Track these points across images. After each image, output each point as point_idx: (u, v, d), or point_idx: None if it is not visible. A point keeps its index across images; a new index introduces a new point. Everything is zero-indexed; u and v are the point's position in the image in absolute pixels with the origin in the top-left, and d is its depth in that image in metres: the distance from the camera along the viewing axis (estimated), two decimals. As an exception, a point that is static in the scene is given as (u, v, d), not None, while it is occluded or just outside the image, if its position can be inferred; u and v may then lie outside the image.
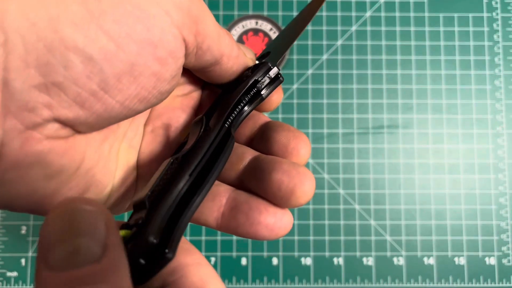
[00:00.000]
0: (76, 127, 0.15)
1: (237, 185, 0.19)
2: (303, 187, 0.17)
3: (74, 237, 0.11)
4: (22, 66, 0.12)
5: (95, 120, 0.15)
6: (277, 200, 0.17)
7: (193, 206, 0.15)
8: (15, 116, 0.13)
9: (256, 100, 0.20)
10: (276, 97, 0.21)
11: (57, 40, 0.13)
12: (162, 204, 0.15)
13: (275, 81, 0.20)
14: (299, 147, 0.19)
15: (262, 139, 0.19)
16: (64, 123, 0.14)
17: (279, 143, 0.19)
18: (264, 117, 0.21)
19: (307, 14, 0.23)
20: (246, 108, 0.19)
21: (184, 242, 0.15)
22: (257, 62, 0.22)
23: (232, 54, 0.18)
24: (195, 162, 0.16)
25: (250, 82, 0.19)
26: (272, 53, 0.22)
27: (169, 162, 0.17)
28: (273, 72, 0.20)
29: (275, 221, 0.17)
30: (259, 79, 0.20)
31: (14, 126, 0.13)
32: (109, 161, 0.18)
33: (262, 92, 0.20)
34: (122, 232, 0.14)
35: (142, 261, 0.13)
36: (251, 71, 0.20)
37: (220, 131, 0.18)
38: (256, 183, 0.18)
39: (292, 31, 0.23)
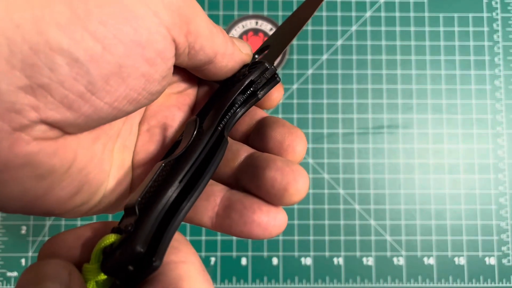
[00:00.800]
0: (64, 129, 0.15)
1: (232, 183, 0.19)
2: (296, 185, 0.17)
3: (40, 283, 0.13)
4: (7, 67, 0.12)
5: (83, 122, 0.15)
6: (270, 197, 0.17)
7: (182, 213, 0.15)
8: (1, 118, 0.13)
9: (252, 100, 0.19)
10: (277, 96, 0.21)
11: (42, 42, 0.13)
12: (151, 212, 0.15)
13: (272, 81, 0.20)
14: (294, 144, 0.18)
15: (258, 136, 0.19)
16: (52, 124, 0.14)
17: (274, 140, 0.18)
18: (261, 112, 0.21)
19: (308, 9, 0.22)
20: (240, 109, 0.19)
21: (174, 240, 0.15)
22: (256, 56, 0.22)
23: (226, 52, 0.18)
24: (185, 168, 0.16)
25: (246, 82, 0.19)
26: (270, 51, 0.22)
27: (160, 166, 0.16)
28: (270, 72, 0.20)
29: (268, 220, 0.17)
30: (255, 79, 0.19)
31: (1, 127, 0.13)
32: (103, 160, 0.18)
33: (258, 93, 0.19)
34: (112, 236, 0.15)
35: (130, 267, 0.14)
36: (248, 69, 0.20)
37: (213, 134, 0.18)
38: (250, 181, 0.18)
39: (292, 27, 0.22)
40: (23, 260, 0.41)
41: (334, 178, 0.43)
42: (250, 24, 0.44)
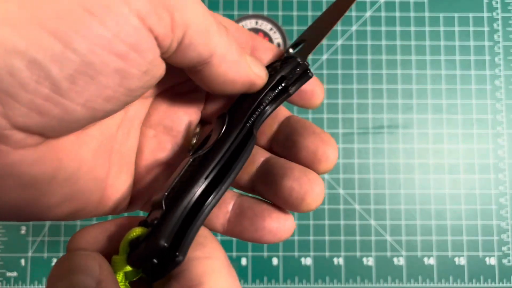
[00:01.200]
0: (43, 134, 0.14)
1: (249, 188, 0.19)
2: (313, 194, 0.17)
3: (71, 275, 0.13)
4: None
5: (58, 124, 0.14)
6: (287, 206, 0.18)
7: (207, 209, 0.16)
8: None
9: (283, 96, 0.19)
10: (319, 91, 0.20)
11: None
12: (176, 207, 0.15)
13: (304, 77, 0.19)
14: (328, 153, 0.18)
15: (287, 144, 0.19)
16: (27, 131, 0.13)
17: (308, 150, 0.18)
18: (284, 111, 0.20)
19: (343, 4, 0.21)
20: (271, 105, 0.19)
21: (200, 236, 0.16)
22: (290, 51, 0.21)
23: (227, 56, 0.16)
24: (212, 164, 0.16)
25: (277, 78, 0.19)
26: (303, 46, 0.21)
27: (188, 161, 0.17)
28: (302, 68, 0.19)
29: (278, 226, 0.18)
30: (287, 75, 0.19)
31: None
32: (95, 167, 0.17)
33: (289, 89, 0.19)
34: (139, 230, 0.15)
35: (154, 260, 0.14)
36: (280, 64, 0.19)
37: (241, 131, 0.18)
38: (268, 188, 0.18)
39: (326, 22, 0.21)
40: (22, 260, 0.41)
41: (334, 178, 0.43)
42: (250, 24, 0.44)
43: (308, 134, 0.18)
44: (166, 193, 0.15)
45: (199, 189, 0.16)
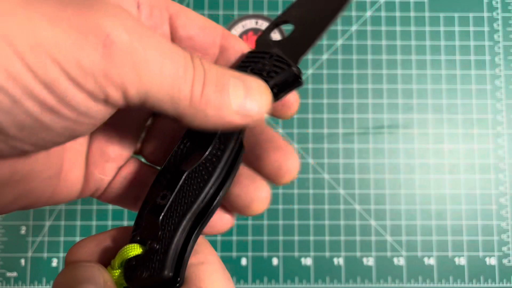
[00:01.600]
0: None
1: None
2: (259, 201, 0.18)
3: (77, 285, 0.14)
4: None
5: (6, 154, 0.14)
6: (235, 210, 0.19)
7: (201, 229, 0.16)
8: None
9: None
10: (295, 101, 0.20)
11: None
12: (177, 231, 0.15)
13: (295, 83, 0.18)
14: (291, 168, 0.19)
15: (251, 157, 0.19)
16: None
17: (272, 166, 0.19)
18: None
19: None
20: None
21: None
22: (271, 37, 0.20)
23: (199, 115, 0.15)
24: (209, 184, 0.16)
25: (270, 86, 0.18)
26: (295, 37, 0.19)
27: (183, 176, 0.16)
28: (294, 76, 0.18)
29: (215, 219, 0.19)
30: (279, 83, 0.18)
31: None
32: (48, 166, 0.18)
33: (278, 95, 0.18)
34: (136, 248, 0.15)
35: (156, 286, 0.15)
36: (272, 65, 0.18)
37: (235, 144, 0.17)
38: None
39: (323, 10, 0.19)
40: (22, 261, 0.41)
41: (334, 178, 0.43)
42: (250, 24, 0.44)
43: (272, 149, 0.19)
44: (163, 215, 0.16)
45: (198, 211, 0.16)
